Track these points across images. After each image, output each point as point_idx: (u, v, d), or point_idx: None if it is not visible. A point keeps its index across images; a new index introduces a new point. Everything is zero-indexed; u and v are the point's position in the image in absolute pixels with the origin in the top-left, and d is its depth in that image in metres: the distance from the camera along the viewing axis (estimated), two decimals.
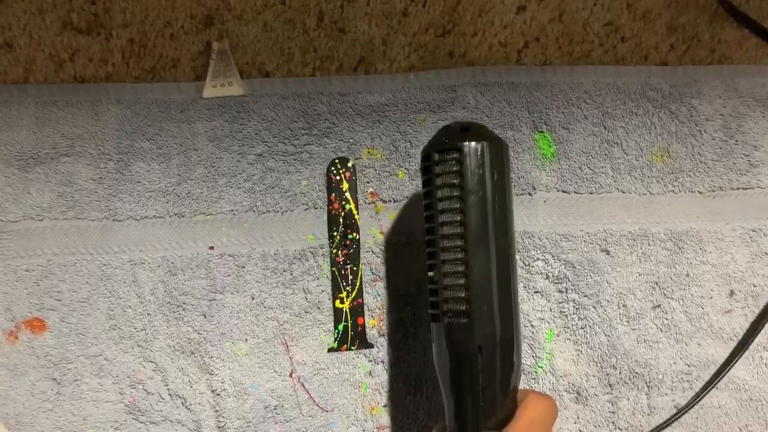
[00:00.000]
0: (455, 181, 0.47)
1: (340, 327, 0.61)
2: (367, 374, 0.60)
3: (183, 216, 0.61)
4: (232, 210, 0.62)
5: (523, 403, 0.46)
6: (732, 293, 0.62)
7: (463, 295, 0.46)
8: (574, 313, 0.61)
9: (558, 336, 0.61)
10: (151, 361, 0.60)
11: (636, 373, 0.61)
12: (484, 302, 0.46)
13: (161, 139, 0.62)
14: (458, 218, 0.46)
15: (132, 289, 0.60)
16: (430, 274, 0.49)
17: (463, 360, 0.46)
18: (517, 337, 0.47)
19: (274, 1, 0.63)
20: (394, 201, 0.62)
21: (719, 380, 0.60)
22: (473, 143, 0.46)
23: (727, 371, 0.60)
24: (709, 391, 0.60)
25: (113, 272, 0.60)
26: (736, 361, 0.60)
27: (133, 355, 0.60)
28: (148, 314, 0.60)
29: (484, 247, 0.46)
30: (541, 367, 0.60)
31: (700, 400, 0.60)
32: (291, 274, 0.61)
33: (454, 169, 0.47)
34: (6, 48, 0.62)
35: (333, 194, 0.62)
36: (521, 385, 0.48)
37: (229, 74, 0.63)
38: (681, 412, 0.60)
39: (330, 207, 0.62)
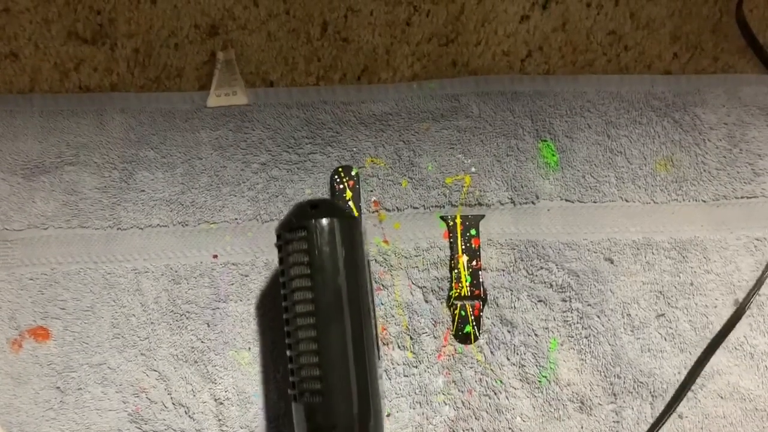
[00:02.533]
0: (305, 259, 0.47)
1: None
2: None
3: (187, 225, 0.62)
4: (236, 219, 0.62)
5: None
6: (736, 302, 0.62)
7: (317, 373, 0.46)
8: (578, 322, 0.61)
9: (562, 345, 0.61)
10: (155, 370, 0.60)
11: (640, 382, 0.60)
12: (338, 380, 0.46)
13: (165, 149, 0.62)
14: (309, 296, 0.47)
15: (136, 298, 0.60)
16: (288, 353, 0.49)
17: None
18: (375, 409, 0.47)
19: (279, 11, 0.63)
20: (398, 210, 0.62)
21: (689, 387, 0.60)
22: (321, 220, 0.47)
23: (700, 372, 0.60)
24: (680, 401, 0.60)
25: (117, 281, 0.61)
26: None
27: (137, 363, 0.60)
28: (152, 323, 0.60)
29: (336, 323, 0.47)
30: (545, 377, 0.60)
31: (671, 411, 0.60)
32: None
33: (303, 247, 0.47)
34: (12, 58, 0.63)
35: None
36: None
37: (234, 84, 0.63)
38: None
39: None
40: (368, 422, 0.47)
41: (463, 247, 0.61)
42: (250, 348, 0.60)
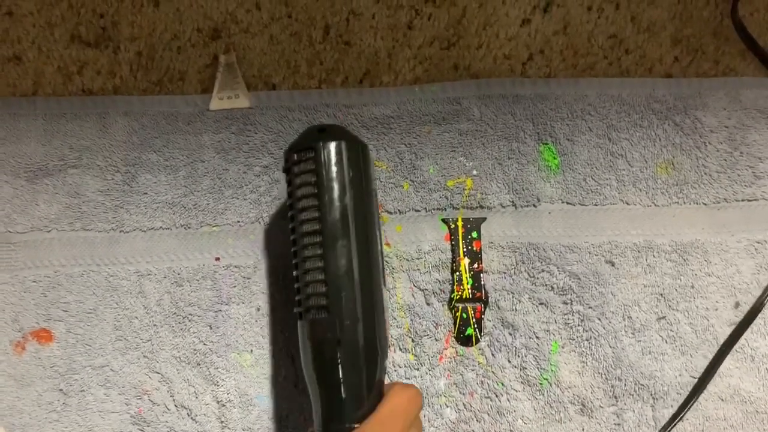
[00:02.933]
0: (312, 179, 0.48)
1: None
2: None
3: (189, 227, 0.62)
4: (239, 221, 0.62)
5: (386, 395, 0.47)
6: (737, 305, 0.62)
7: (323, 290, 0.47)
8: (579, 325, 0.61)
9: (563, 348, 0.61)
10: (157, 372, 0.60)
11: (641, 384, 0.61)
12: (343, 296, 0.46)
13: (168, 151, 0.63)
14: (316, 215, 0.47)
15: (138, 300, 0.61)
16: (294, 273, 0.49)
17: (324, 354, 0.47)
18: (379, 330, 0.48)
19: (281, 14, 0.64)
20: (400, 212, 0.62)
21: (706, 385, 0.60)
22: (328, 142, 0.48)
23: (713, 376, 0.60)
24: (697, 398, 0.60)
25: (120, 283, 0.61)
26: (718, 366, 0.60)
27: (139, 365, 0.60)
28: (154, 325, 0.60)
29: (342, 241, 0.47)
30: (546, 379, 0.60)
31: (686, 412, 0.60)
32: None
33: (311, 167, 0.48)
34: (15, 61, 0.63)
35: None
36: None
37: (236, 87, 0.63)
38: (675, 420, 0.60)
39: None
40: (374, 339, 0.47)
41: (465, 249, 0.62)
42: (252, 350, 0.60)
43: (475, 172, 0.63)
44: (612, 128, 0.64)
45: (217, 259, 0.61)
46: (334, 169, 0.48)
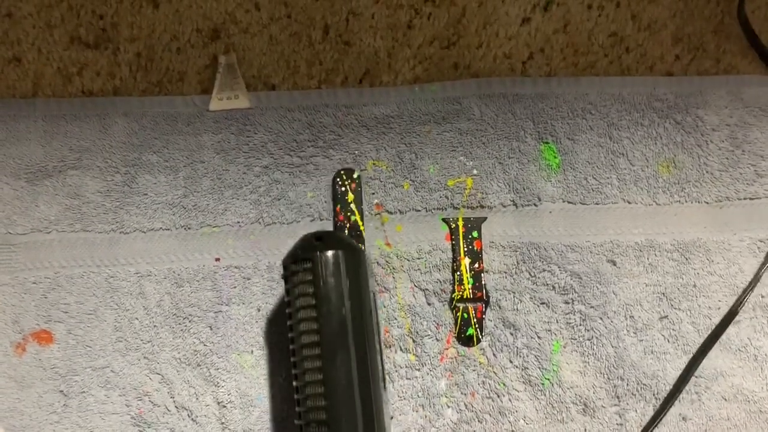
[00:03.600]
0: (310, 290, 0.48)
1: None
2: None
3: (189, 228, 0.62)
4: (239, 222, 0.62)
5: None
6: (740, 303, 0.62)
7: (323, 403, 0.47)
8: (580, 325, 0.61)
9: (565, 347, 0.61)
10: (158, 373, 0.60)
11: (643, 384, 0.60)
12: (343, 410, 0.47)
13: (168, 152, 0.62)
14: (314, 326, 0.48)
15: (139, 301, 0.61)
16: (294, 383, 0.49)
17: None
18: None
19: (280, 14, 0.64)
20: (400, 212, 0.62)
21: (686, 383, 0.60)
22: (326, 252, 0.48)
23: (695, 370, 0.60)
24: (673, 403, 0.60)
25: (120, 284, 0.61)
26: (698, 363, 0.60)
27: (140, 367, 0.60)
28: (155, 326, 0.60)
29: (341, 353, 0.47)
30: (548, 379, 0.60)
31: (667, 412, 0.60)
32: None
33: (308, 278, 0.48)
34: (15, 62, 0.63)
35: (338, 206, 0.62)
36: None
37: (236, 87, 0.63)
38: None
39: (335, 218, 0.62)
40: None
41: (466, 249, 0.61)
42: (252, 351, 0.60)
43: (475, 172, 0.63)
44: (613, 127, 0.64)
45: (217, 259, 0.61)
46: (331, 280, 0.48)
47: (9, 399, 0.59)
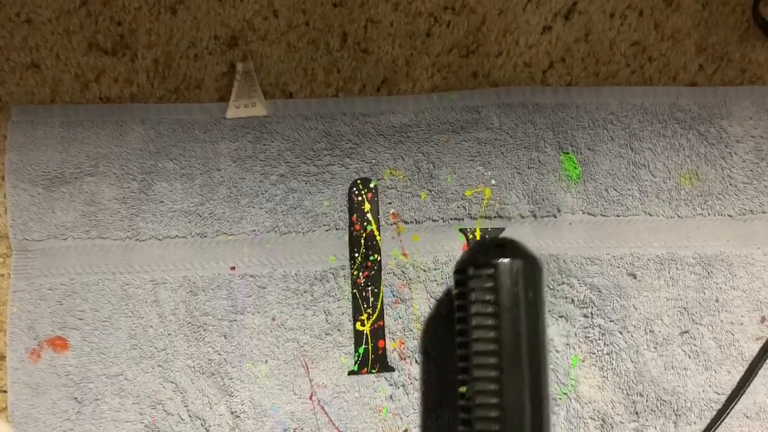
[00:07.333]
0: (490, 298, 0.47)
1: (361, 350, 0.60)
2: (388, 398, 0.59)
3: (205, 236, 0.61)
4: (254, 230, 0.61)
5: None
6: (763, 319, 0.60)
7: (495, 414, 0.46)
8: (599, 339, 0.60)
9: (583, 362, 0.60)
10: (172, 382, 0.59)
11: (663, 400, 0.59)
12: (516, 423, 0.46)
13: (184, 160, 0.62)
14: (492, 335, 0.47)
15: (153, 309, 0.60)
16: (462, 389, 0.49)
17: None
18: None
19: (298, 21, 0.63)
20: (417, 222, 0.62)
21: (734, 405, 0.59)
22: (509, 260, 0.47)
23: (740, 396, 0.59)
24: (724, 419, 0.59)
25: (135, 292, 0.60)
26: (748, 385, 0.59)
27: (154, 375, 0.60)
28: (169, 334, 0.60)
29: (517, 366, 0.47)
30: (566, 394, 0.59)
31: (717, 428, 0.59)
32: (312, 296, 0.61)
33: (489, 285, 0.47)
34: (33, 68, 0.63)
35: (355, 215, 0.62)
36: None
37: (253, 95, 0.63)
38: None
39: (351, 228, 0.61)
40: None
41: None
42: (267, 360, 0.60)
43: (493, 182, 0.62)
44: (634, 138, 0.62)
45: (233, 268, 0.61)
46: (514, 290, 0.47)
47: (23, 405, 0.59)
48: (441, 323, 0.60)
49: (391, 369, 0.60)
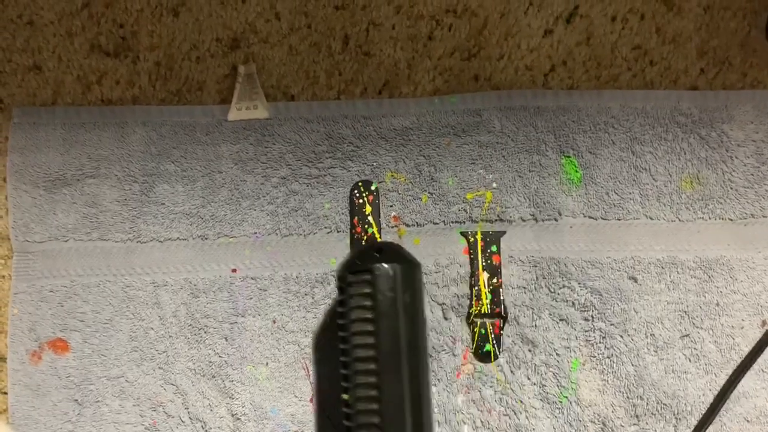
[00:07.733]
0: (367, 303, 0.47)
1: None
2: None
3: (206, 238, 0.61)
4: (255, 233, 0.61)
5: None
6: (764, 323, 0.60)
7: (376, 421, 0.46)
8: (600, 342, 0.60)
9: (584, 365, 0.60)
10: (172, 384, 0.59)
11: (664, 404, 0.59)
12: (397, 427, 0.46)
13: (186, 162, 0.62)
14: (371, 341, 0.46)
15: (154, 311, 0.60)
16: (345, 396, 0.48)
17: None
18: None
19: (300, 24, 0.63)
20: (418, 225, 0.62)
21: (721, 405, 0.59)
22: (385, 265, 0.47)
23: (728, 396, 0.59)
24: (713, 419, 0.59)
25: (136, 294, 0.61)
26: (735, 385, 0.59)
27: (155, 377, 0.60)
28: (170, 336, 0.60)
29: (397, 370, 0.46)
30: (566, 397, 0.59)
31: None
32: (312, 298, 0.61)
33: (367, 291, 0.47)
34: (35, 70, 0.63)
35: (356, 218, 0.62)
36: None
37: (255, 97, 0.63)
38: None
39: (353, 230, 0.61)
40: None
41: (484, 263, 0.61)
42: (267, 363, 0.60)
43: (495, 185, 0.62)
44: (636, 141, 0.63)
45: (234, 270, 0.61)
46: (390, 295, 0.47)
47: (24, 407, 0.59)
48: (440, 326, 0.60)
49: None
